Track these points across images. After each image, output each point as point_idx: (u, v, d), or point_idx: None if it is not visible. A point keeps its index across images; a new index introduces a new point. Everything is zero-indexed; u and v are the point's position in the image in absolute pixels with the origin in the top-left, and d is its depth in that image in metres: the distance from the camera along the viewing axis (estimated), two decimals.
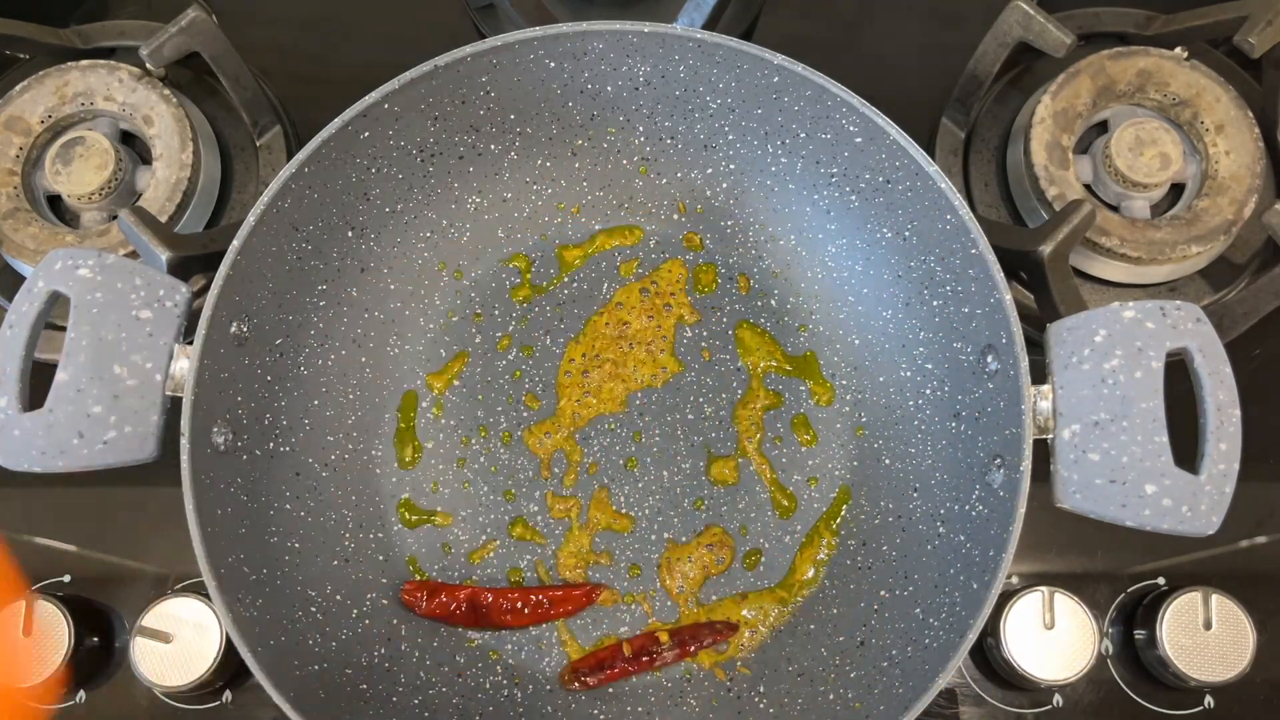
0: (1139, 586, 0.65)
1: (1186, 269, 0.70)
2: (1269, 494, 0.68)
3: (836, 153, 0.61)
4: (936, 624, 0.55)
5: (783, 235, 0.67)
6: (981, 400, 0.57)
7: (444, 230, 0.66)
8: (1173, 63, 0.70)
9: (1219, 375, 0.50)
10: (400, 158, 0.61)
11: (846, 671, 0.58)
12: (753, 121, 0.63)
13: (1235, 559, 0.66)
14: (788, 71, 0.58)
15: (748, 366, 0.66)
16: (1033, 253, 0.62)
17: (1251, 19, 0.68)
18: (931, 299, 0.61)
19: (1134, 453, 0.49)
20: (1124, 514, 0.49)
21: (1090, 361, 0.51)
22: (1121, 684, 0.64)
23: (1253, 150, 0.68)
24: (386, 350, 0.66)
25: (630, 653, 0.61)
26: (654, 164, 0.67)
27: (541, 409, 0.66)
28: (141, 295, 0.53)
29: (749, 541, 0.63)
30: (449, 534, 0.64)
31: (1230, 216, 0.67)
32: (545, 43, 0.59)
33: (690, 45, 0.59)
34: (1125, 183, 0.68)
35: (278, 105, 0.75)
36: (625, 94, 0.63)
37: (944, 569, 0.57)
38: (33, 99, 0.70)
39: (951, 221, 0.56)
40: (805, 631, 0.61)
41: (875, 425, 0.64)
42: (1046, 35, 0.68)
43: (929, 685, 0.51)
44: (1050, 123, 0.69)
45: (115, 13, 0.78)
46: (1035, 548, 0.66)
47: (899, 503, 0.62)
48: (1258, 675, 0.61)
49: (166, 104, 0.70)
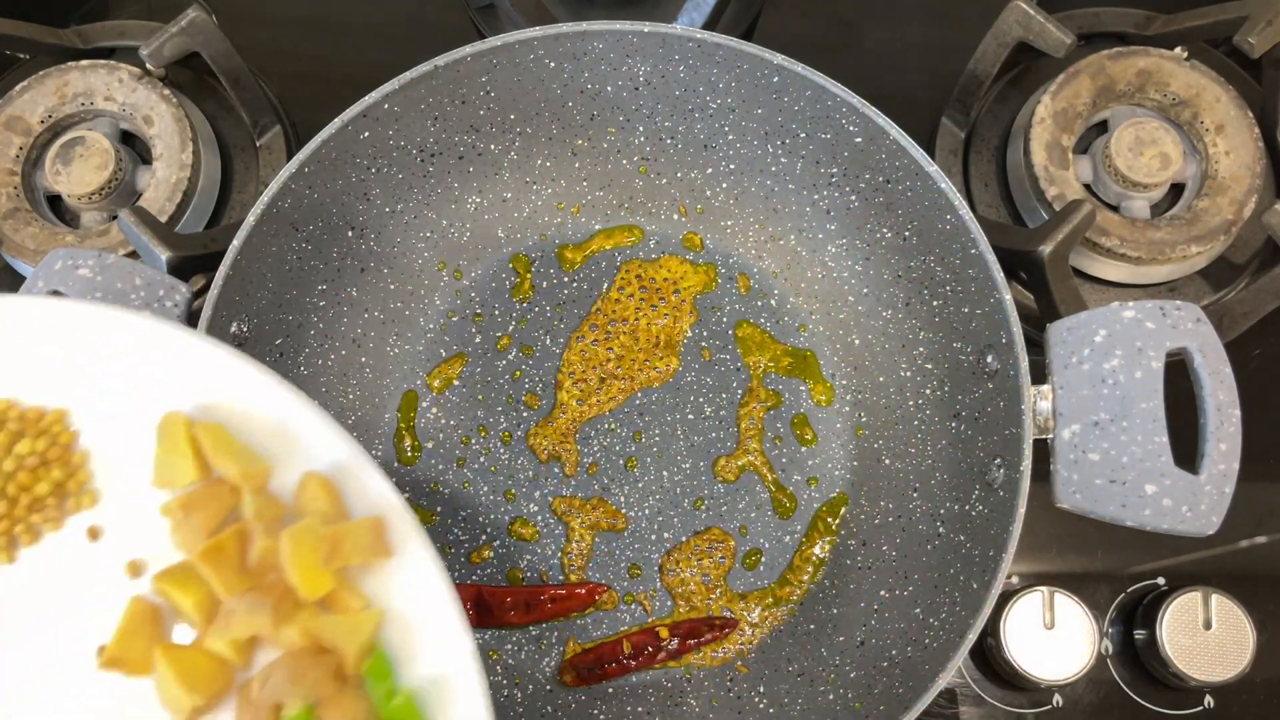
0: (1139, 586, 0.65)
1: (1186, 269, 0.70)
2: (1269, 494, 0.68)
3: (836, 153, 0.61)
4: (936, 624, 0.55)
5: (783, 235, 0.67)
6: (981, 400, 0.57)
7: (444, 230, 0.66)
8: (1173, 63, 0.70)
9: (1219, 375, 0.50)
10: (400, 158, 0.61)
11: (846, 671, 0.58)
12: (753, 121, 0.63)
13: (1235, 559, 0.66)
14: (788, 71, 0.58)
15: (748, 366, 0.66)
16: (1033, 253, 0.62)
17: (1251, 19, 0.68)
18: (931, 299, 0.61)
19: (1134, 453, 0.49)
20: (1124, 514, 0.49)
21: (1090, 361, 0.51)
22: (1121, 684, 0.64)
23: (1253, 150, 0.68)
24: (386, 350, 0.66)
25: (630, 650, 0.61)
26: (654, 164, 0.67)
27: (541, 409, 0.66)
28: (141, 295, 0.53)
29: (749, 541, 0.63)
30: (449, 534, 0.64)
31: (1230, 216, 0.67)
32: (545, 43, 0.59)
33: (690, 45, 0.59)
34: (1125, 183, 0.68)
35: (278, 105, 0.75)
36: (625, 94, 0.63)
37: (944, 569, 0.57)
38: (33, 99, 0.70)
39: (951, 221, 0.56)
40: (805, 631, 0.61)
41: (875, 425, 0.64)
42: (1046, 35, 0.68)
43: (929, 685, 0.51)
44: (1050, 122, 0.69)
45: (115, 13, 0.78)
46: (1035, 548, 0.66)
47: (899, 503, 0.62)
48: (1258, 675, 0.61)
49: (166, 104, 0.70)
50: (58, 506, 0.46)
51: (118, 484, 0.46)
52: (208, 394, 0.46)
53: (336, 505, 0.45)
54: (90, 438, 0.46)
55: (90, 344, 0.46)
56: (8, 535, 0.45)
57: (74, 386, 0.46)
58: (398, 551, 0.44)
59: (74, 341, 0.46)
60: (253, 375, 0.46)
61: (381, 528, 0.44)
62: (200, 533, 0.44)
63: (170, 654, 0.43)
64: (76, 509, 0.46)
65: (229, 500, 0.45)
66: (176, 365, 0.46)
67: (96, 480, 0.46)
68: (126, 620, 0.43)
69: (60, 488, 0.46)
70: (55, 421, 0.46)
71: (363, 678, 0.43)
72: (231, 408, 0.46)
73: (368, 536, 0.44)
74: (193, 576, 0.44)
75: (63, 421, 0.46)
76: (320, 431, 0.46)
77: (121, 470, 0.46)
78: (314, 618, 0.43)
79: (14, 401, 0.46)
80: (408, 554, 0.44)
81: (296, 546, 0.43)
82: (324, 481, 0.44)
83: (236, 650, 0.43)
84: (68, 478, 0.46)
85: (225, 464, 0.44)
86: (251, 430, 0.46)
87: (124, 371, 0.46)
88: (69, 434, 0.46)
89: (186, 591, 0.43)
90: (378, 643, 0.44)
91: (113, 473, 0.46)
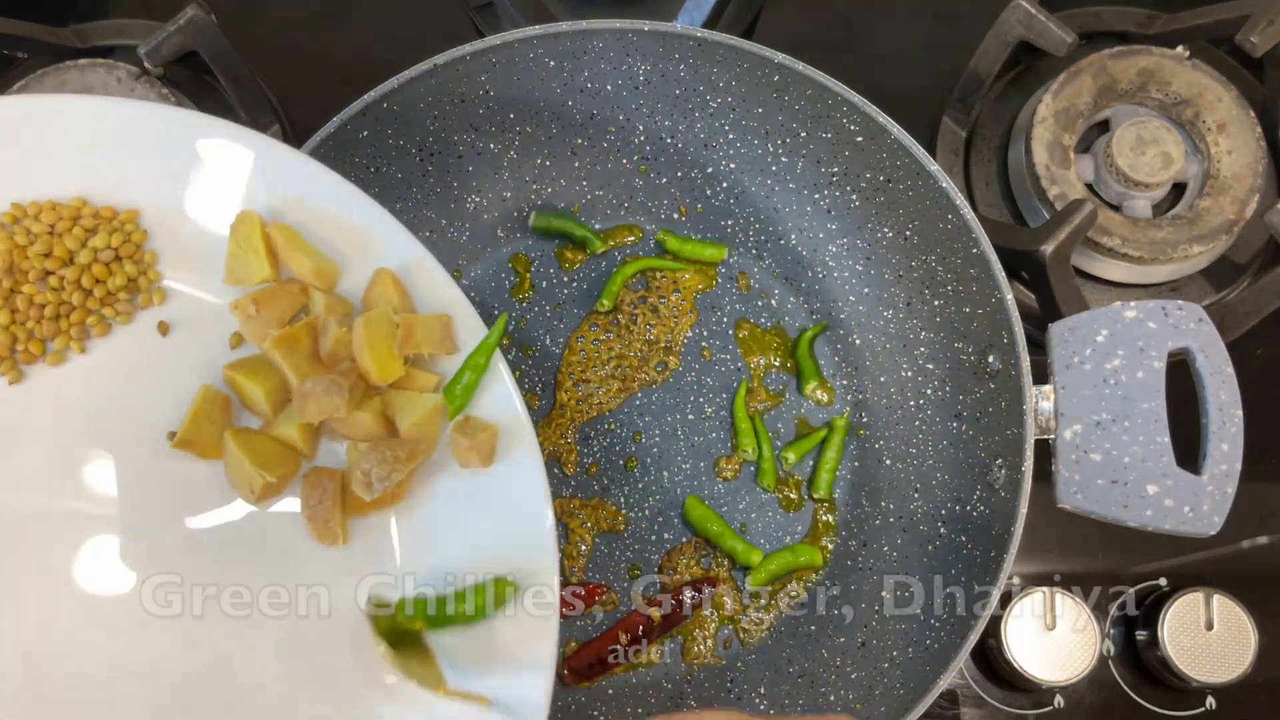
0: (1140, 587, 0.65)
1: (1188, 268, 0.70)
2: (1271, 494, 0.68)
3: (837, 152, 0.61)
4: (937, 625, 0.55)
5: (783, 235, 0.67)
6: (983, 400, 0.57)
7: (444, 230, 0.66)
8: (1174, 62, 0.70)
9: (1221, 375, 0.50)
10: (400, 157, 0.61)
11: (847, 673, 0.58)
12: (753, 120, 0.62)
13: (1237, 559, 0.66)
14: (788, 70, 0.57)
15: (748, 366, 0.66)
16: (1034, 252, 0.62)
17: (1253, 18, 0.68)
18: (933, 299, 0.61)
19: (1136, 453, 0.49)
20: (1125, 514, 0.49)
21: (1092, 361, 0.50)
22: (1123, 685, 0.63)
23: (1254, 149, 0.68)
24: None
25: (626, 640, 0.60)
26: (654, 164, 0.67)
27: (541, 409, 0.65)
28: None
29: (749, 542, 0.63)
30: None
31: (1232, 216, 0.67)
32: (545, 41, 0.59)
33: (690, 44, 0.59)
34: (1127, 182, 0.68)
35: (276, 105, 0.75)
36: (625, 93, 0.63)
37: (945, 569, 0.57)
38: None
39: (953, 221, 0.56)
40: (805, 632, 0.61)
41: (876, 425, 0.64)
42: (1048, 34, 0.68)
43: (930, 686, 0.51)
44: (1051, 122, 0.69)
45: (114, 11, 0.78)
46: (1037, 548, 0.66)
47: (900, 503, 0.62)
48: (1259, 676, 0.61)
49: (165, 103, 0.70)
50: (129, 301, 0.48)
51: (187, 281, 0.49)
52: (280, 197, 0.48)
53: (405, 300, 0.48)
54: (161, 238, 0.48)
55: (162, 147, 0.48)
56: (80, 326, 0.48)
57: (146, 188, 0.48)
58: (462, 347, 0.48)
59: (146, 144, 0.48)
60: (325, 179, 0.48)
61: (449, 323, 0.48)
62: (272, 325, 0.47)
63: (241, 437, 0.46)
64: (147, 304, 0.48)
65: (299, 298, 0.48)
66: (250, 169, 0.48)
67: (167, 279, 0.49)
68: (197, 405, 0.46)
69: (132, 283, 0.48)
70: (129, 220, 0.48)
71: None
72: (303, 210, 0.48)
73: (437, 329, 0.47)
74: (264, 366, 0.47)
75: (135, 220, 0.48)
76: (390, 233, 0.49)
77: (191, 269, 0.48)
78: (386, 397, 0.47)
79: (87, 199, 0.48)
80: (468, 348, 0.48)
81: (371, 332, 0.46)
82: (394, 277, 0.48)
83: (304, 437, 0.46)
84: (139, 274, 0.48)
85: (298, 262, 0.47)
86: (322, 233, 0.48)
87: (196, 174, 0.48)
88: (141, 233, 0.48)
89: (257, 380, 0.46)
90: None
91: (182, 271, 0.48)
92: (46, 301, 0.47)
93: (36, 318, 0.47)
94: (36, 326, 0.47)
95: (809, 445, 0.64)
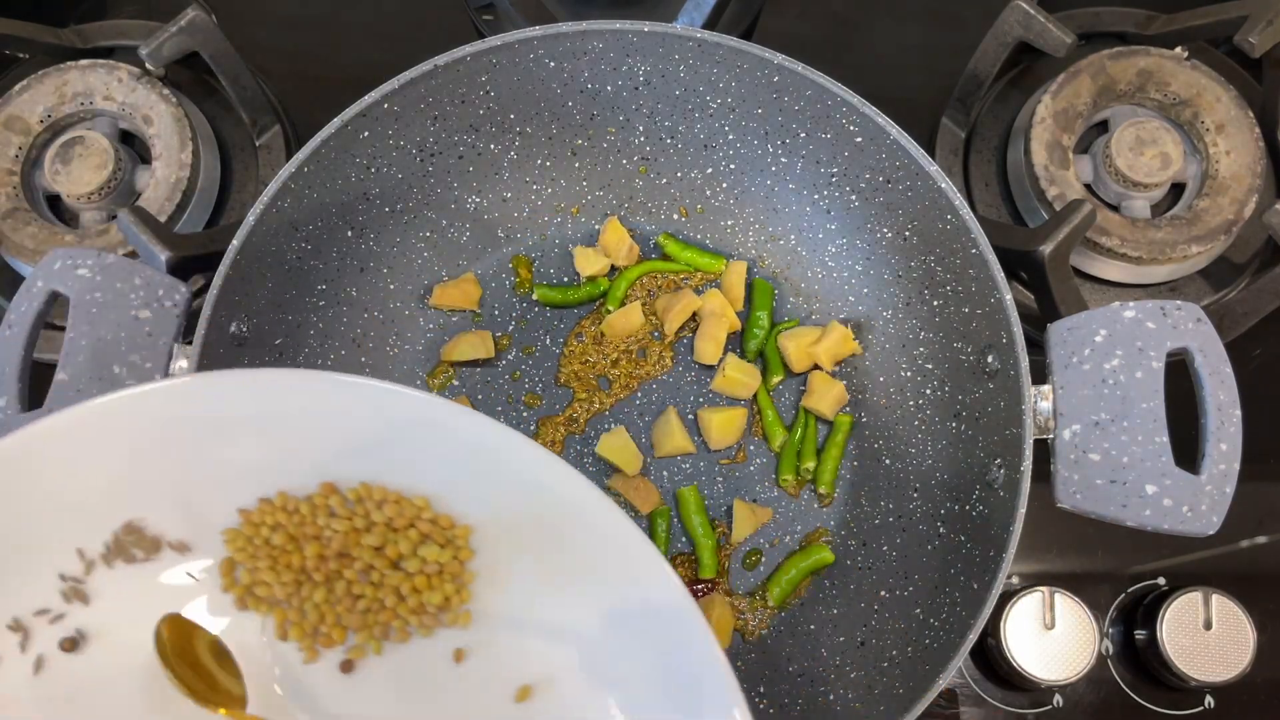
0: (1139, 586, 0.65)
1: (1187, 269, 0.70)
2: (1270, 494, 0.68)
3: (837, 152, 0.61)
4: (936, 624, 0.55)
5: (783, 235, 0.67)
6: (982, 400, 0.57)
7: (444, 230, 0.66)
8: (1173, 62, 0.70)
9: (1219, 375, 0.50)
10: (400, 158, 0.61)
11: (846, 672, 0.58)
12: (753, 121, 0.62)
13: (1236, 559, 0.66)
14: (788, 71, 0.58)
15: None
16: (1033, 253, 0.62)
17: (1252, 18, 0.68)
18: (932, 299, 0.61)
19: (1134, 453, 0.49)
20: (1124, 514, 0.49)
21: (1091, 361, 0.51)
22: (1122, 684, 0.64)
23: (1253, 150, 0.68)
24: (386, 350, 0.66)
25: None
26: (654, 164, 0.67)
27: (541, 409, 0.66)
28: (141, 295, 0.52)
29: (749, 541, 0.63)
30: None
31: (1231, 216, 0.67)
32: (545, 42, 0.59)
33: (690, 45, 0.59)
34: (1126, 182, 0.68)
35: (277, 105, 0.75)
36: (625, 93, 0.63)
37: (944, 569, 0.57)
38: (32, 99, 0.70)
39: (952, 221, 0.56)
40: (805, 631, 0.61)
41: (875, 425, 0.64)
42: (1047, 35, 0.68)
43: (929, 686, 0.51)
44: (1050, 122, 0.69)
45: (115, 12, 0.78)
46: (1035, 548, 0.66)
47: (899, 503, 0.62)
48: (1258, 675, 0.61)
49: (166, 104, 0.70)
50: (436, 617, 0.45)
51: (492, 609, 0.46)
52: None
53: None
54: (484, 559, 0.45)
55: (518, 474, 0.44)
56: (384, 627, 0.45)
57: (488, 505, 0.45)
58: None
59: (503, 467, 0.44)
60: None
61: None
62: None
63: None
64: (452, 623, 0.46)
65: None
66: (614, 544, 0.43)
67: (476, 602, 0.46)
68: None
69: (447, 601, 0.45)
70: (462, 535, 0.45)
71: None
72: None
73: None
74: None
75: (466, 538, 0.45)
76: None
77: (497, 598, 0.45)
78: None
79: (431, 502, 0.45)
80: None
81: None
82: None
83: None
84: (455, 593, 0.45)
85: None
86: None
87: (533, 502, 0.44)
88: (469, 552, 0.45)
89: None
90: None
91: (489, 599, 0.46)
92: (363, 594, 0.45)
93: (348, 607, 0.45)
94: (346, 614, 0.45)
95: (818, 447, 0.64)
